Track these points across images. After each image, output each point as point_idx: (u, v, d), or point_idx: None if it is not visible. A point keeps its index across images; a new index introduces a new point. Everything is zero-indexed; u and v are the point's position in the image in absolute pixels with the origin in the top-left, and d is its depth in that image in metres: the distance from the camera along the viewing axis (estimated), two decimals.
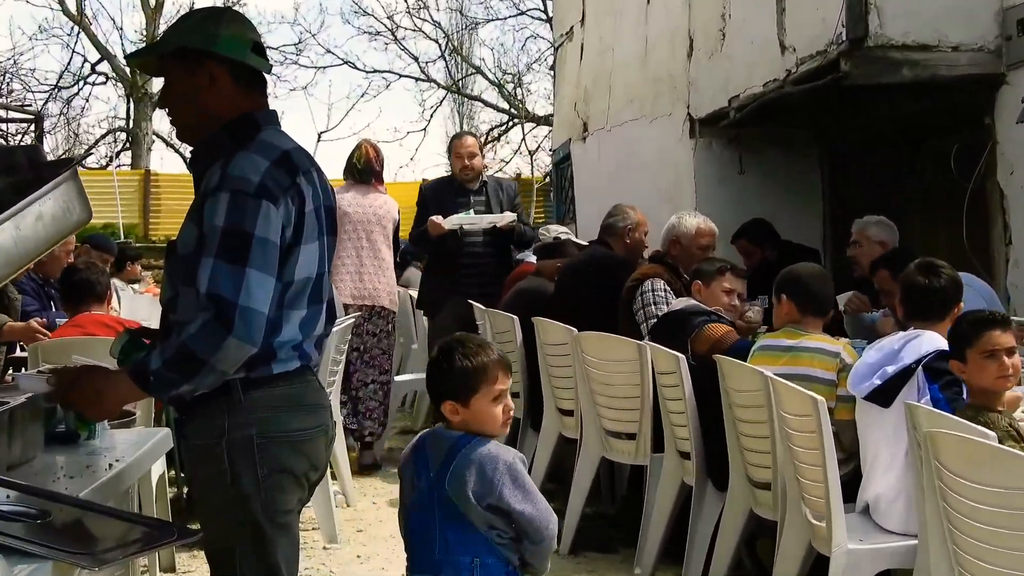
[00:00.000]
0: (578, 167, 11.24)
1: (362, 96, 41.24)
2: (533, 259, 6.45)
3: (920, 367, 3.30)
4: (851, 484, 3.47)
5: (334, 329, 3.66)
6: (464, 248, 6.52)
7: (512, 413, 2.62)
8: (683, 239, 5.28)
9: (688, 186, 8.09)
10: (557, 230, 6.46)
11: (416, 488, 2.58)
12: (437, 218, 6.46)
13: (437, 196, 6.67)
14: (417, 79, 22.39)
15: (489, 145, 23.17)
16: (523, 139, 21.88)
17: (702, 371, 4.18)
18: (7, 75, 21.84)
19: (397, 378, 7.33)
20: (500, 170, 23.18)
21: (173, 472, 5.02)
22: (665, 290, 5.00)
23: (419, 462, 2.60)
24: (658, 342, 4.45)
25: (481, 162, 6.63)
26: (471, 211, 6.50)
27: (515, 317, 5.58)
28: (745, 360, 3.94)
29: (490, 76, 22.86)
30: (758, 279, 5.49)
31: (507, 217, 6.52)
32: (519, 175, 20.98)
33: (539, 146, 22.48)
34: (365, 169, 6.53)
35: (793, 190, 8.05)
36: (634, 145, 9.29)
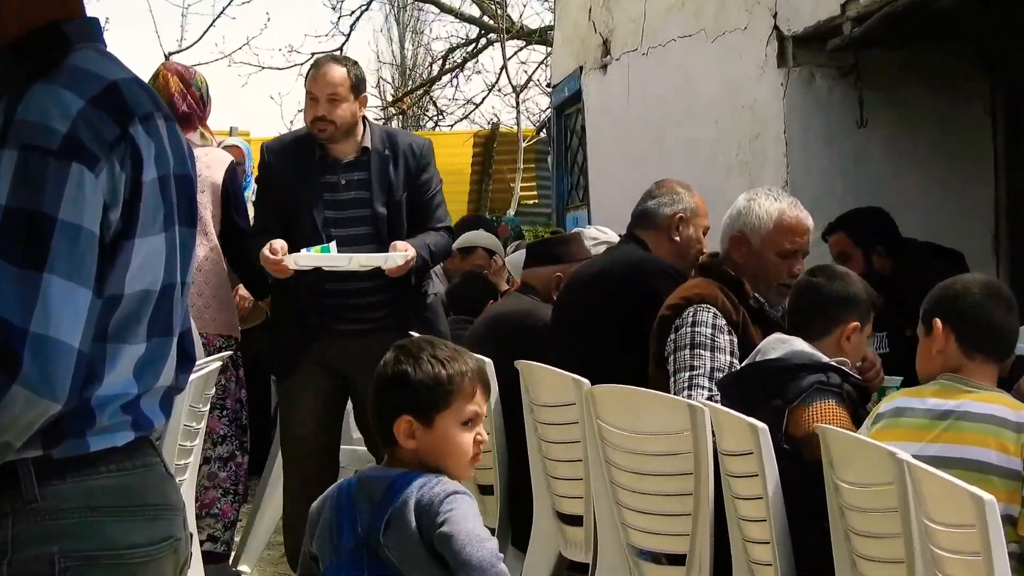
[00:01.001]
0: (594, 114, 11.30)
1: None
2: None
3: None
4: None
5: (191, 377, 3.60)
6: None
7: (483, 448, 3.13)
8: (753, 236, 5.29)
9: (775, 147, 8.14)
10: (598, 236, 6.57)
11: (337, 549, 3.02)
12: (276, 246, 6.17)
13: (286, 168, 6.52)
14: None
15: (449, 76, 23.15)
16: (503, 67, 21.24)
17: (797, 457, 4.26)
18: None
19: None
20: (467, 116, 23.10)
21: None
22: (715, 326, 5.06)
23: (341, 515, 3.05)
24: (732, 405, 4.46)
25: (353, 112, 6.44)
26: (332, 244, 6.19)
27: (487, 360, 5.18)
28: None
29: None
30: None
31: (396, 256, 6.22)
32: (496, 124, 20.87)
33: (530, 79, 22.34)
34: None
35: (947, 152, 8.13)
36: (687, 79, 9.35)
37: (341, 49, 20.12)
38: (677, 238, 5.74)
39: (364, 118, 6.53)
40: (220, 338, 6.64)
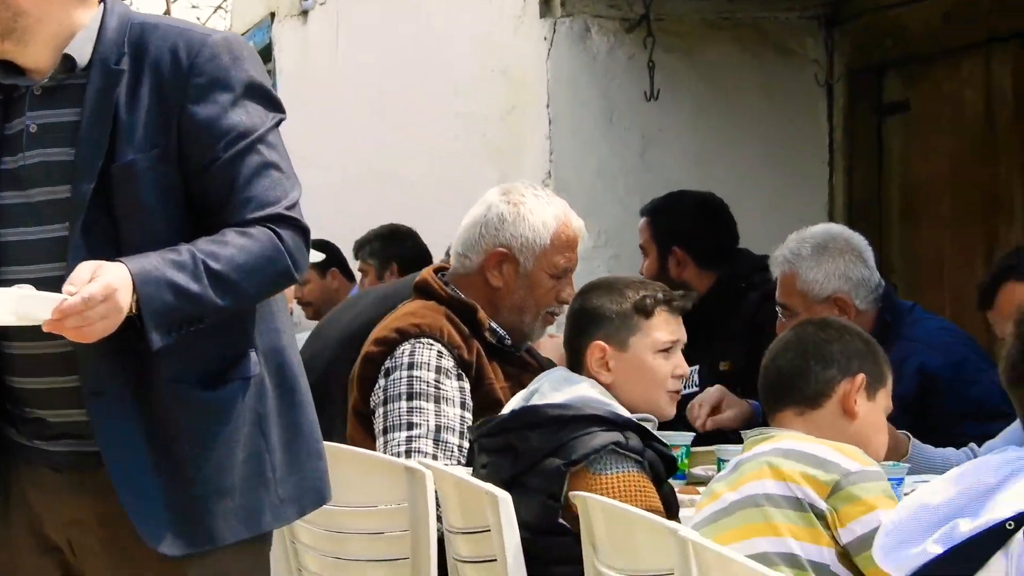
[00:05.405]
0: (289, 81, 11.36)
1: None
2: None
3: None
4: None
5: None
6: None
7: None
8: (524, 253, 5.26)
9: (535, 126, 8.12)
10: None
11: None
12: None
13: None
14: None
15: None
16: (167, 12, 21.68)
17: (577, 540, 4.26)
18: None
19: None
20: None
21: None
22: (440, 368, 5.07)
23: None
24: (493, 462, 4.53)
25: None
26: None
27: None
28: None
29: None
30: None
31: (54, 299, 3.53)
32: None
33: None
34: None
35: (770, 138, 8.18)
36: (418, 30, 9.35)
37: None
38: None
39: None
40: None
